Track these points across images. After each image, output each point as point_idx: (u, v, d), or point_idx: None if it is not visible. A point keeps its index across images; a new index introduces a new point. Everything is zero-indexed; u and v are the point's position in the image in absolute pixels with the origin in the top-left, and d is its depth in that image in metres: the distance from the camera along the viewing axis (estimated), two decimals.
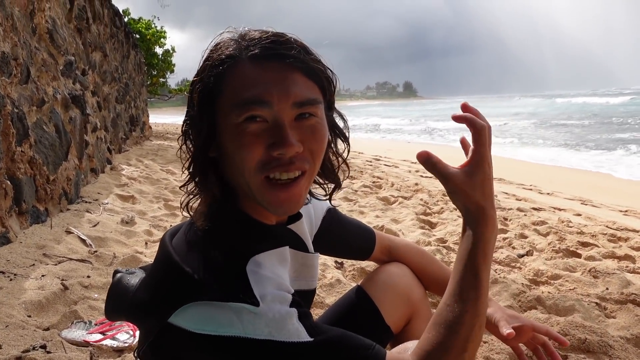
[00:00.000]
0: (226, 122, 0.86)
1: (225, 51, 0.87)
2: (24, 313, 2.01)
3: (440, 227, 4.16)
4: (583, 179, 8.77)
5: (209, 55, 0.89)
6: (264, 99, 0.83)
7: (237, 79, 0.85)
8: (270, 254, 0.92)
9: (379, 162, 10.00)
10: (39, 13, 3.70)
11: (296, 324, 0.81)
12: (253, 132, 0.83)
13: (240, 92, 0.84)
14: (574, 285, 2.76)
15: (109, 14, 7.64)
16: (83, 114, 4.78)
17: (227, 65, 0.86)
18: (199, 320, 0.79)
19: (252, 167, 0.84)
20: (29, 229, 3.05)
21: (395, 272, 1.41)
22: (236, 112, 0.84)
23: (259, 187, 0.86)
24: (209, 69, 0.87)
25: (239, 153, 0.84)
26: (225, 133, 0.86)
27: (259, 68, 0.85)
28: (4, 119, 2.76)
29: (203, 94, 0.88)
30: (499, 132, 21.06)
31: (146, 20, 18.88)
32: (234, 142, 0.85)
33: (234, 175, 0.89)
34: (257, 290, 0.81)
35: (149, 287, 0.95)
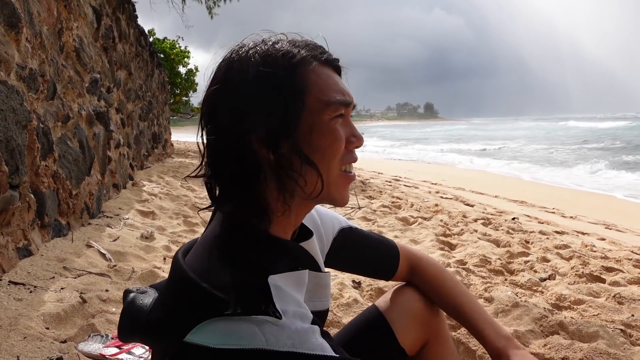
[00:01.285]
0: (316, 120, 0.88)
1: (300, 53, 0.89)
2: (42, 325, 2.02)
3: (459, 248, 4.11)
4: (607, 203, 8.62)
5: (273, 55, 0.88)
6: (349, 101, 0.92)
7: (322, 80, 0.90)
8: (286, 277, 0.89)
9: (398, 183, 9.96)
10: (66, 32, 3.79)
11: (320, 339, 0.79)
12: (339, 127, 0.91)
13: (329, 91, 0.89)
14: (598, 311, 2.69)
15: (134, 33, 7.81)
16: (107, 130, 4.86)
17: (305, 66, 0.89)
18: (219, 336, 0.76)
19: (338, 159, 0.91)
20: (51, 242, 3.08)
21: (414, 295, 1.37)
22: (331, 109, 0.89)
23: (338, 179, 0.92)
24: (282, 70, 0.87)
25: (332, 147, 0.89)
26: (314, 130, 0.88)
27: (332, 72, 0.94)
28: (29, 134, 2.82)
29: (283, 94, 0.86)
30: (520, 155, 20.95)
31: (171, 40, 19.26)
32: (327, 137, 0.89)
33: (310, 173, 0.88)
34: (279, 305, 0.79)
35: (165, 306, 0.92)
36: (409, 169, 14.06)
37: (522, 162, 18.03)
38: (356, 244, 1.31)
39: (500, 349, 1.22)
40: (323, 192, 0.90)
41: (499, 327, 1.29)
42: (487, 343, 1.25)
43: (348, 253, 1.29)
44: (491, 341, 1.24)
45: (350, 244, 1.28)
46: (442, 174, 13.07)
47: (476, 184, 10.51)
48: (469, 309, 1.31)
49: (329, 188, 0.91)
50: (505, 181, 12.24)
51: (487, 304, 2.74)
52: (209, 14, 18.26)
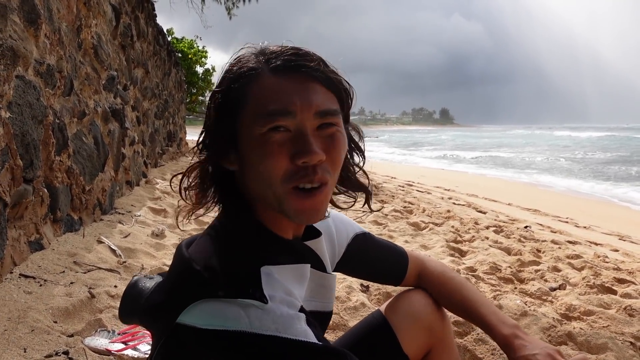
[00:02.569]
0: (249, 133, 0.87)
1: (247, 64, 0.89)
2: (50, 318, 2.04)
3: (470, 255, 4.08)
4: (622, 214, 8.51)
5: (230, 68, 0.92)
6: (288, 109, 0.85)
7: (260, 91, 0.87)
8: (285, 269, 0.91)
9: (411, 188, 9.92)
10: (85, 29, 3.83)
11: (304, 326, 0.80)
12: (277, 141, 0.85)
13: (264, 103, 0.86)
14: (608, 322, 2.65)
15: (153, 32, 7.87)
16: (122, 127, 4.90)
17: (249, 78, 0.88)
18: (206, 317, 0.78)
19: (278, 176, 0.85)
20: (62, 237, 3.12)
21: (420, 301, 1.36)
22: (260, 122, 0.85)
23: (286, 196, 0.87)
24: (229, 81, 0.90)
25: (264, 163, 0.85)
26: (248, 144, 0.87)
27: (281, 79, 0.87)
28: (45, 129, 2.85)
29: (224, 106, 0.90)
30: (537, 163, 20.81)
31: (189, 40, 19.40)
32: (258, 152, 0.85)
33: (256, 186, 0.89)
34: (267, 291, 0.81)
35: (163, 290, 0.97)
36: (422, 174, 14.00)
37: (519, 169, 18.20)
38: (369, 251, 1.32)
39: (508, 336, 1.20)
40: (276, 207, 0.89)
41: (505, 316, 1.27)
42: (493, 332, 1.23)
43: (361, 259, 1.30)
44: (498, 329, 1.22)
45: (363, 250, 1.29)
46: (455, 180, 13.00)
47: (490, 191, 10.44)
48: (473, 300, 1.30)
49: (280, 205, 0.88)
50: (519, 189, 12.14)
51: None
52: (227, 14, 18.38)
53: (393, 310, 1.36)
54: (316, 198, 0.88)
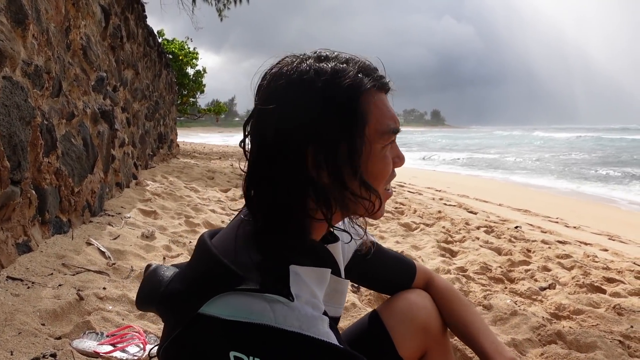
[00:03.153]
0: (372, 148, 0.92)
1: (364, 82, 0.91)
2: (38, 321, 2.02)
3: (461, 255, 4.10)
4: (611, 213, 8.57)
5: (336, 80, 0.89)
6: (398, 129, 0.96)
7: (378, 108, 0.93)
8: (309, 271, 0.91)
9: (402, 189, 9.94)
10: (74, 30, 3.81)
11: (327, 328, 0.81)
12: (390, 151, 0.96)
13: (383, 121, 0.93)
14: (597, 321, 2.67)
15: (143, 33, 7.84)
16: (111, 128, 4.88)
17: (370, 95, 0.92)
18: (231, 309, 0.79)
19: (385, 181, 0.97)
20: (51, 239, 3.09)
21: (416, 302, 1.35)
22: (385, 138, 0.93)
23: (383, 198, 0.97)
24: (344, 97, 0.89)
25: (383, 172, 0.95)
26: (370, 157, 0.92)
27: (384, 97, 0.96)
28: (33, 130, 2.83)
29: (344, 122, 0.89)
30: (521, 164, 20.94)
31: (180, 42, 19.34)
32: (380, 164, 0.94)
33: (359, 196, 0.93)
34: (294, 289, 0.82)
35: (184, 279, 0.96)
36: (413, 175, 14.03)
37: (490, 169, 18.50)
38: (377, 259, 1.32)
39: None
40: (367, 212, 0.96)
41: (503, 347, 1.28)
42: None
43: (368, 267, 1.31)
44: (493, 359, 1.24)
45: (371, 258, 1.29)
46: (447, 181, 13.05)
47: (481, 192, 10.48)
48: (475, 327, 1.31)
49: (373, 207, 0.95)
50: (510, 190, 12.20)
51: (485, 311, 2.73)
52: (218, 16, 18.36)
53: (388, 311, 1.35)
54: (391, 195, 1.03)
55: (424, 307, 1.34)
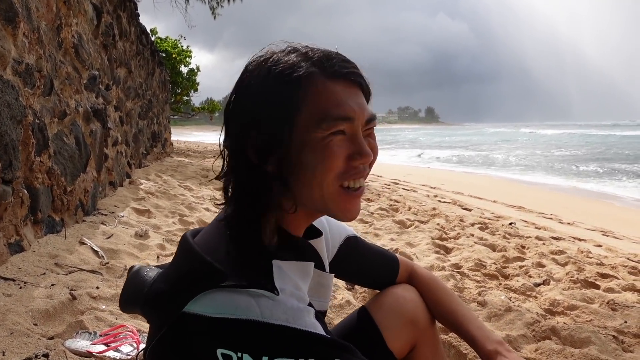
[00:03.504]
0: (307, 137, 0.87)
1: (297, 67, 0.89)
2: (30, 321, 2.01)
3: (455, 252, 4.10)
4: (606, 209, 8.61)
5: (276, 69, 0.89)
6: (349, 116, 0.89)
7: (319, 96, 0.88)
8: (292, 265, 0.91)
9: (397, 186, 9.95)
10: (65, 28, 3.78)
11: (313, 319, 0.81)
12: (337, 144, 0.88)
13: (324, 108, 0.88)
14: (591, 316, 2.68)
15: (135, 31, 7.80)
16: (104, 127, 4.85)
17: (304, 81, 0.88)
18: (217, 306, 0.78)
19: (333, 176, 0.89)
20: (43, 239, 3.07)
21: (403, 296, 1.36)
22: (323, 126, 0.87)
23: (335, 196, 0.90)
24: (277, 83, 0.88)
25: (323, 164, 0.87)
26: (303, 146, 0.88)
27: (337, 85, 0.90)
28: (24, 129, 2.81)
29: (276, 109, 0.88)
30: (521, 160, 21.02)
31: (173, 40, 19.27)
32: (318, 154, 0.87)
33: (303, 187, 0.90)
34: (278, 283, 0.82)
35: (168, 278, 0.95)
36: (408, 173, 14.05)
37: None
38: (360, 254, 1.33)
39: (491, 352, 1.23)
40: (319, 206, 0.92)
41: (490, 332, 1.29)
42: (477, 346, 1.26)
43: (351, 262, 1.31)
44: (482, 345, 1.25)
45: (354, 253, 1.30)
46: (441, 178, 13.06)
47: (475, 188, 10.51)
48: (461, 315, 1.32)
49: (325, 203, 0.91)
50: (504, 186, 12.23)
51: (480, 308, 2.73)
52: (212, 14, 18.29)
53: (377, 306, 1.36)
54: (359, 197, 0.94)
55: (411, 301, 1.35)
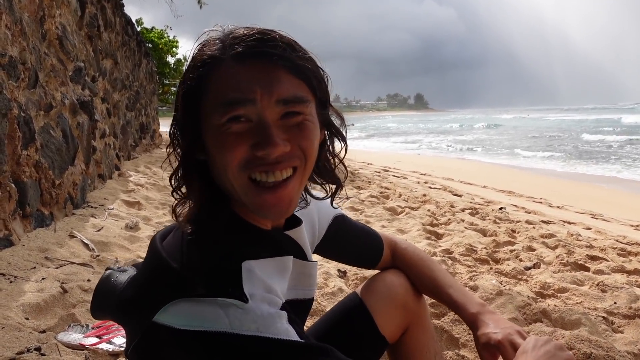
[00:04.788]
0: (209, 123, 0.83)
1: (208, 51, 0.85)
2: (21, 315, 1.99)
3: (446, 238, 4.12)
4: (594, 193, 8.68)
5: (194, 55, 0.87)
6: (247, 97, 0.81)
7: (221, 79, 0.83)
8: (266, 262, 0.88)
9: (387, 173, 9.97)
10: (49, 19, 3.73)
11: (286, 324, 0.78)
12: (236, 132, 0.81)
13: (223, 92, 0.82)
14: (581, 298, 2.71)
15: (121, 22, 7.71)
16: (91, 119, 4.80)
17: (211, 65, 0.84)
18: (184, 317, 0.75)
19: (234, 166, 0.82)
20: (33, 233, 3.05)
21: (394, 281, 1.37)
22: (219, 112, 0.81)
23: (244, 189, 0.84)
24: (192, 70, 0.85)
25: (221, 153, 0.82)
26: (208, 134, 0.84)
27: (243, 67, 0.82)
28: (9, 123, 2.77)
29: (187, 96, 0.86)
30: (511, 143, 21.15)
31: (159, 30, 19.07)
32: (217, 142, 0.82)
33: (220, 177, 0.86)
34: (247, 288, 0.78)
35: (136, 286, 0.92)
36: (398, 160, 14.07)
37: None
38: (347, 233, 1.32)
39: (474, 314, 1.24)
40: (241, 200, 0.86)
41: (473, 296, 1.31)
42: (461, 311, 1.27)
43: (339, 241, 1.30)
44: (465, 308, 1.26)
45: (341, 232, 1.29)
46: (431, 164, 13.09)
47: (465, 174, 10.54)
48: (442, 281, 1.33)
49: (241, 198, 0.85)
50: (494, 172, 12.28)
51: (471, 292, 2.75)
52: (198, 3, 18.08)
53: (368, 292, 1.36)
54: (280, 192, 0.84)
55: (401, 285, 1.36)
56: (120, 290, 0.99)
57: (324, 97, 0.92)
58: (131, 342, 0.85)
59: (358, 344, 1.31)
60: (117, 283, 1.02)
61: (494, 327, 1.17)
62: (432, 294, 1.35)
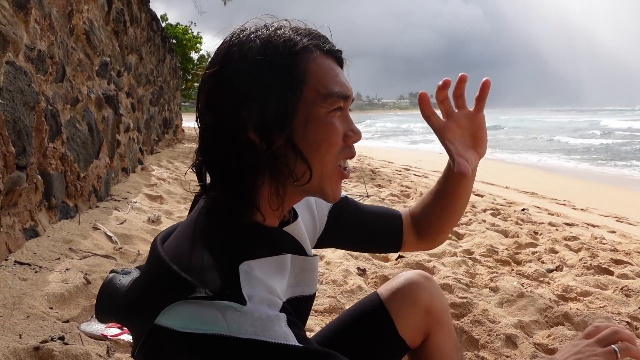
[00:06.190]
0: (312, 111, 0.86)
1: (302, 42, 0.87)
2: (46, 305, 2.03)
3: (467, 238, 4.09)
4: (620, 195, 8.53)
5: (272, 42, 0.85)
6: (347, 94, 0.89)
7: (321, 71, 0.87)
8: (266, 262, 0.88)
9: (408, 172, 9.92)
10: (77, 14, 3.79)
11: (284, 327, 0.77)
12: (338, 120, 0.89)
13: (328, 83, 0.87)
14: (605, 303, 2.66)
15: (146, 18, 7.79)
16: (116, 114, 4.87)
17: (307, 55, 0.87)
18: (183, 319, 0.76)
19: (334, 153, 0.89)
20: (58, 224, 3.10)
21: (418, 282, 1.31)
22: (328, 102, 0.86)
23: (333, 173, 0.90)
24: (282, 57, 0.84)
25: (327, 140, 0.87)
26: (309, 122, 0.86)
27: (333, 63, 0.90)
28: (37, 115, 2.82)
29: (282, 82, 0.84)
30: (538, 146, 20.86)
31: (183, 26, 19.25)
32: (322, 130, 0.86)
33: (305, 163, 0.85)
34: (246, 290, 0.78)
35: (139, 288, 0.93)
36: (419, 159, 13.99)
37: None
38: (354, 214, 1.25)
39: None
40: (315, 186, 0.89)
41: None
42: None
43: (345, 225, 1.24)
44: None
45: (347, 213, 1.23)
46: None
47: (487, 174, 10.43)
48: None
49: (321, 182, 0.89)
50: (517, 172, 12.14)
51: (492, 293, 2.73)
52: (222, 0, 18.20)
53: (390, 293, 1.31)
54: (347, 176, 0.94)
55: (426, 289, 1.30)
56: (123, 293, 0.99)
57: None
58: (136, 343, 0.86)
59: (376, 345, 1.27)
60: (120, 286, 1.02)
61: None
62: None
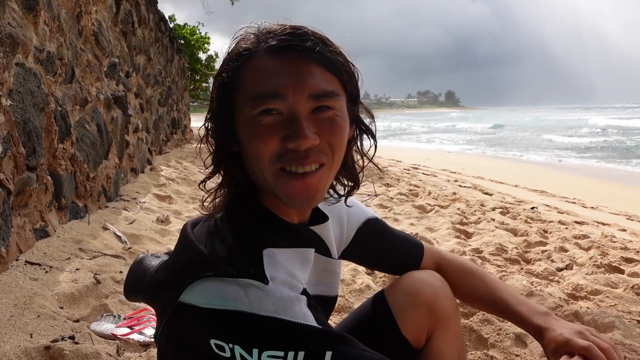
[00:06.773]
0: (242, 116, 0.87)
1: (243, 45, 0.88)
2: (56, 304, 2.05)
3: (476, 237, 4.07)
4: (630, 194, 8.46)
5: (230, 49, 0.91)
6: (279, 92, 0.83)
7: (254, 72, 0.86)
8: (289, 252, 0.90)
9: (417, 171, 9.90)
10: (85, 16, 3.81)
11: (304, 309, 0.79)
12: (268, 124, 0.84)
13: (256, 85, 0.85)
14: (615, 301, 2.64)
15: (154, 18, 7.82)
16: (125, 114, 4.89)
17: (244, 59, 0.87)
18: (206, 295, 0.78)
19: (266, 158, 0.85)
20: (68, 224, 3.13)
21: (421, 278, 1.27)
22: (251, 105, 0.84)
23: (275, 178, 0.86)
24: (227, 63, 0.89)
25: (254, 145, 0.85)
26: (241, 126, 0.88)
27: (275, 61, 0.85)
28: (47, 116, 2.84)
29: (222, 88, 0.90)
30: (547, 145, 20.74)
31: (191, 27, 19.30)
32: (249, 134, 0.86)
33: (252, 168, 0.90)
34: (269, 271, 0.80)
35: (167, 268, 0.97)
36: (427, 158, 13.95)
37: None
38: (380, 237, 1.27)
39: (541, 325, 1.14)
40: (269, 190, 0.90)
41: (534, 305, 1.21)
42: (525, 324, 1.18)
43: (371, 245, 1.26)
44: (529, 321, 1.16)
45: (374, 236, 1.25)
46: (461, 163, 12.94)
47: (496, 173, 10.39)
48: (498, 296, 1.24)
49: (270, 186, 0.88)
50: (526, 170, 12.07)
51: None
52: (230, 0, 18.25)
53: (393, 291, 1.29)
54: (308, 181, 0.86)
55: (429, 286, 1.25)
56: (152, 273, 1.04)
57: (354, 92, 0.94)
58: (160, 322, 0.89)
59: (380, 344, 1.25)
60: (149, 266, 1.07)
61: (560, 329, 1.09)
62: (489, 309, 1.28)
